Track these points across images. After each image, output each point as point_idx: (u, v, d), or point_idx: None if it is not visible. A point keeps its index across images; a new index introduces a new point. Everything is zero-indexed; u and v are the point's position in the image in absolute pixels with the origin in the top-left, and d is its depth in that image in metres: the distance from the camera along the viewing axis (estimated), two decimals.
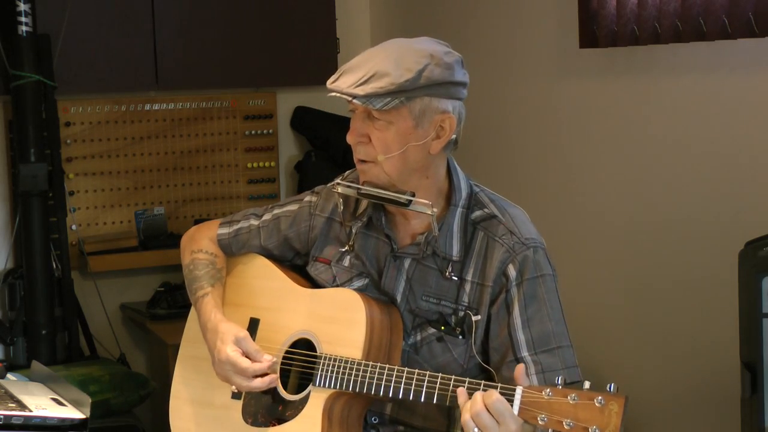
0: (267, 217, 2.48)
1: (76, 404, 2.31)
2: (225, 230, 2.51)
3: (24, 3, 3.73)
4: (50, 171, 3.80)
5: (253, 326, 2.40)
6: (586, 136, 3.54)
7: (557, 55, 3.63)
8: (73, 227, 4.04)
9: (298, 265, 2.48)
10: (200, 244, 2.51)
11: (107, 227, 4.13)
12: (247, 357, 2.27)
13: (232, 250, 2.51)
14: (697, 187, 3.16)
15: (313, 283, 2.40)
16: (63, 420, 2.22)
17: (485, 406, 1.93)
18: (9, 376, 2.54)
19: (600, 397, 1.86)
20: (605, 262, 3.49)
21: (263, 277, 2.46)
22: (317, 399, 2.22)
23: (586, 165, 3.54)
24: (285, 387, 2.31)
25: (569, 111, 3.60)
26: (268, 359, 2.26)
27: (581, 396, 1.87)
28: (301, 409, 2.24)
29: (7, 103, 3.91)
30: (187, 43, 4.16)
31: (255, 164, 4.34)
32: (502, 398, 1.92)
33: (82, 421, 2.24)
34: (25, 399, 2.30)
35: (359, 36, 4.45)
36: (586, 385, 1.89)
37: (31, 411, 2.22)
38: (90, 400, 2.28)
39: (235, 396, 2.37)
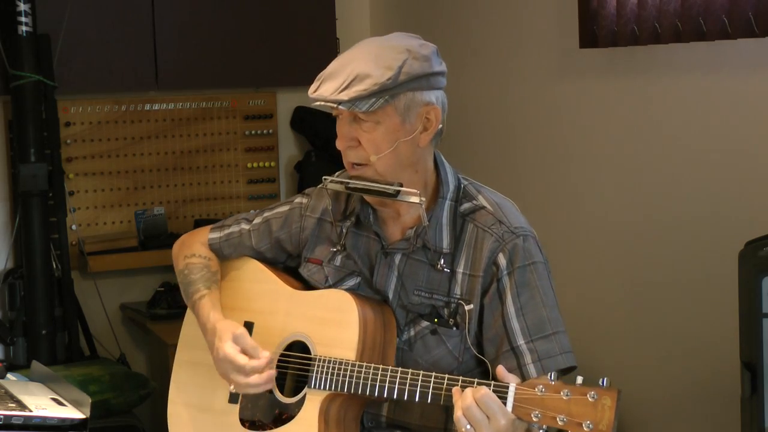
0: (258, 220, 2.48)
1: (76, 404, 2.31)
2: (216, 234, 2.51)
3: (24, 3, 3.73)
4: (50, 171, 3.80)
5: (247, 330, 2.39)
6: (586, 136, 3.54)
7: (557, 55, 3.63)
8: (73, 227, 4.04)
9: (291, 267, 2.48)
10: (193, 249, 2.51)
11: (107, 227, 4.13)
12: (245, 353, 2.26)
13: (223, 253, 2.51)
14: (697, 187, 3.16)
15: (306, 285, 2.40)
16: (63, 420, 2.22)
17: (474, 400, 1.93)
18: (9, 376, 2.54)
19: (593, 392, 1.86)
20: (605, 262, 3.49)
21: (256, 281, 2.46)
22: (313, 401, 2.22)
23: (586, 165, 3.54)
24: (281, 390, 2.31)
25: (569, 111, 3.60)
26: (266, 355, 2.25)
27: (574, 391, 1.87)
28: (298, 412, 2.25)
29: (7, 103, 3.91)
30: (187, 43, 4.16)
31: (255, 164, 4.34)
32: (491, 393, 1.93)
33: (82, 421, 2.24)
34: (25, 399, 2.30)
35: (359, 36, 4.39)
36: (579, 380, 1.90)
37: (31, 411, 2.22)
38: (90, 400, 2.28)
39: (232, 400, 2.37)
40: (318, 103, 2.18)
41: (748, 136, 3.01)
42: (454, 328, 2.20)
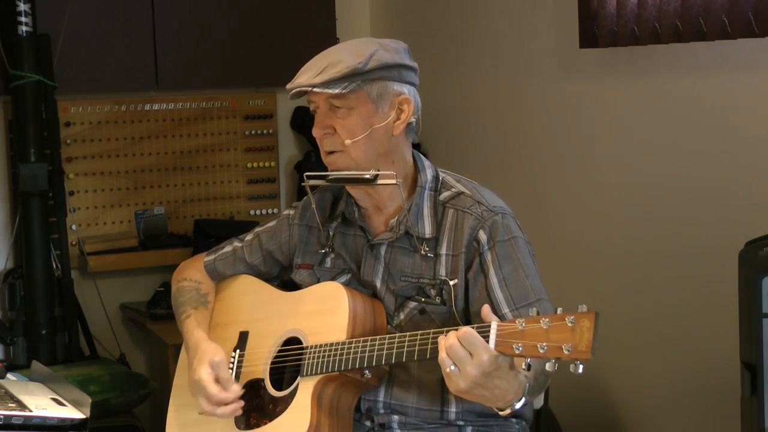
0: (249, 237, 2.56)
1: (76, 404, 2.31)
2: (210, 257, 2.60)
3: (24, 3, 3.73)
4: (50, 171, 3.80)
5: (242, 339, 2.43)
6: (586, 135, 3.54)
7: (557, 55, 3.63)
8: (73, 227, 4.04)
9: (286, 282, 2.54)
10: (185, 274, 2.59)
11: (107, 227, 4.13)
12: (218, 382, 2.31)
13: (218, 272, 2.58)
14: (697, 187, 3.16)
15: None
16: (63, 420, 2.22)
17: (457, 338, 1.95)
18: (9, 376, 2.54)
19: (571, 317, 1.87)
20: (605, 262, 3.49)
21: (249, 293, 2.51)
22: (306, 388, 2.25)
23: (586, 165, 3.54)
24: (280, 388, 2.32)
25: (569, 111, 3.60)
26: (236, 390, 2.30)
27: (553, 319, 1.89)
28: (291, 402, 2.26)
29: (7, 103, 3.91)
30: (187, 43, 4.16)
31: (255, 164, 4.34)
32: (472, 330, 1.95)
33: (82, 421, 2.24)
34: (25, 399, 2.30)
35: (359, 36, 4.44)
36: (559, 310, 1.91)
37: (31, 411, 2.22)
38: (90, 400, 2.28)
39: None
40: (295, 90, 2.29)
41: (748, 136, 3.01)
42: (442, 305, 2.24)
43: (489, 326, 1.95)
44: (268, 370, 2.34)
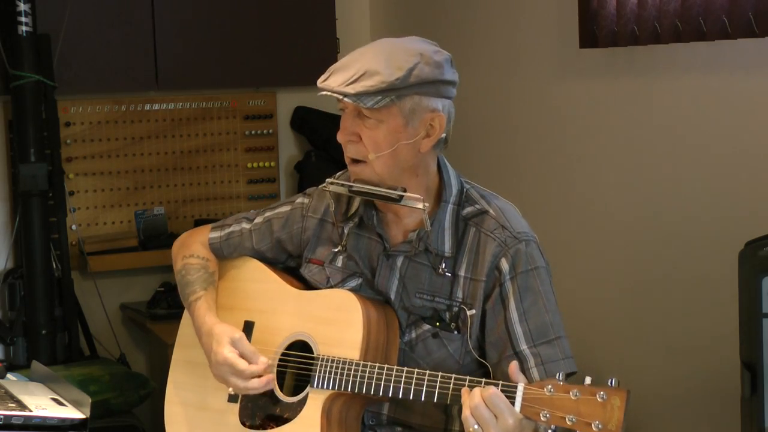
0: (258, 220, 2.48)
1: (76, 404, 2.31)
2: (216, 234, 2.51)
3: (24, 3, 3.73)
4: (50, 171, 3.79)
5: (247, 329, 2.39)
6: (586, 136, 3.54)
7: (557, 55, 3.63)
8: (73, 227, 4.04)
9: (291, 267, 2.48)
10: (191, 249, 2.51)
11: (107, 227, 4.14)
12: (243, 358, 2.26)
13: (223, 253, 2.51)
14: (697, 187, 3.16)
15: (307, 285, 2.40)
16: (63, 420, 2.22)
17: (483, 399, 1.93)
18: (9, 376, 2.54)
19: (602, 392, 1.86)
20: (605, 262, 3.49)
21: (256, 280, 2.45)
22: (316, 400, 2.22)
23: (587, 165, 3.55)
24: (282, 389, 2.31)
25: (569, 111, 3.60)
26: (264, 361, 2.26)
27: (583, 391, 1.87)
28: (300, 411, 2.24)
29: (7, 103, 3.91)
30: (187, 43, 4.16)
31: (255, 164, 4.34)
32: (499, 392, 1.93)
33: (82, 421, 2.24)
34: (25, 399, 2.30)
35: (359, 36, 4.45)
36: (588, 380, 1.89)
37: (31, 411, 2.22)
38: (90, 400, 2.28)
39: (232, 399, 2.36)
40: (324, 92, 2.17)
41: (748, 136, 3.01)
42: (456, 332, 2.20)
43: (515, 387, 1.93)
44: (275, 371, 2.31)
